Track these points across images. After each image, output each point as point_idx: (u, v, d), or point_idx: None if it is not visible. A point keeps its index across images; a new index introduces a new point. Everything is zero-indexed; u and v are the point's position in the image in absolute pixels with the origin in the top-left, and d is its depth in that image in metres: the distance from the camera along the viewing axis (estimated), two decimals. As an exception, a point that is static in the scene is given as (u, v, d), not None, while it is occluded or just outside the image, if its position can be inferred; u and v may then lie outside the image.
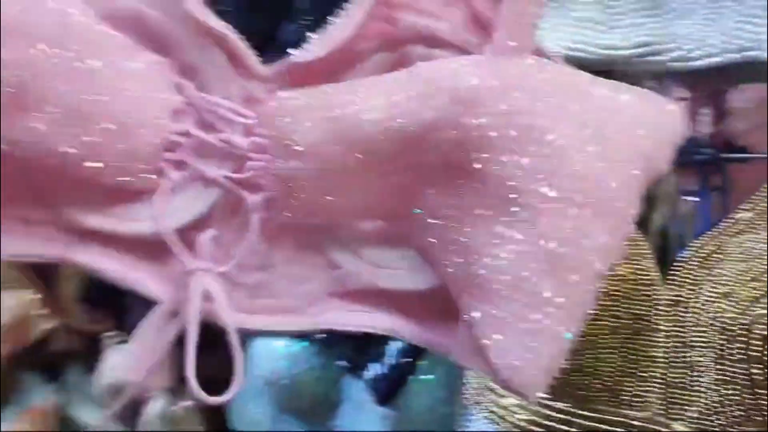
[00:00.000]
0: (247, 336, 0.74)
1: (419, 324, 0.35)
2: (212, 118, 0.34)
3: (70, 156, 0.31)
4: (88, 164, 0.32)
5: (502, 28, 0.31)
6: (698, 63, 0.41)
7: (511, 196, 0.29)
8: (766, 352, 0.36)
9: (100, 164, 0.32)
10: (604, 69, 0.45)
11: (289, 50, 0.34)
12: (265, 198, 0.34)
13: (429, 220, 0.33)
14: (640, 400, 0.44)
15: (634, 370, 0.44)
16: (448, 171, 0.31)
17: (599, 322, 0.44)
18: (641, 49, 0.43)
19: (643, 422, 0.44)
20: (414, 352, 0.58)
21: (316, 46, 0.33)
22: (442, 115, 0.29)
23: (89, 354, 1.33)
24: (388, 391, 0.59)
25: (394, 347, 0.59)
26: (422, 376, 0.59)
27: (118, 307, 1.03)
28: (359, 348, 0.63)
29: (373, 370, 0.61)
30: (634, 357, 0.44)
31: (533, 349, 0.29)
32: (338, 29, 0.33)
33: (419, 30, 0.34)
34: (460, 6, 0.33)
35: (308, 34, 0.34)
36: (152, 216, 0.34)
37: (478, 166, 0.30)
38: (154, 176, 0.34)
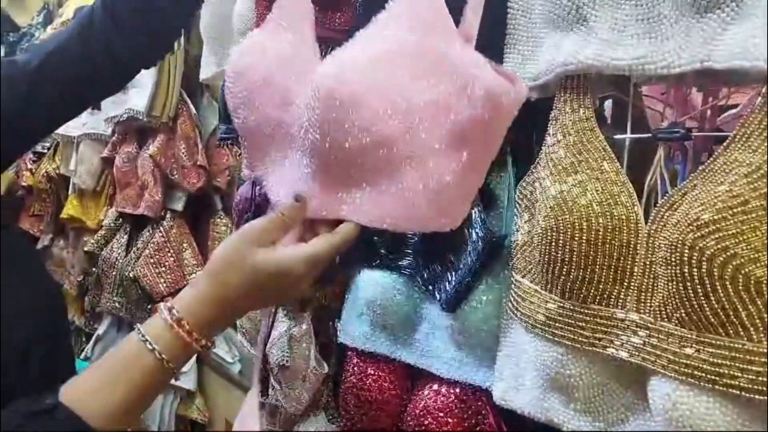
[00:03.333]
0: (355, 267, 0.98)
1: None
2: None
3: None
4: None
5: None
6: (676, 70, 0.59)
7: None
8: (693, 260, 0.55)
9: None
10: (614, 72, 0.64)
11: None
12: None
13: None
14: (623, 300, 0.63)
15: (620, 280, 0.63)
16: None
17: (597, 247, 0.63)
18: (637, 60, 0.61)
19: (624, 316, 0.63)
20: (473, 276, 0.78)
21: None
22: None
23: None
24: (454, 302, 0.80)
25: (460, 274, 0.80)
26: (479, 297, 0.79)
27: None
28: (435, 274, 0.85)
29: (445, 287, 0.82)
30: (621, 271, 0.63)
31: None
32: None
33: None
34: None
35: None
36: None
37: None
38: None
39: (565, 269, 0.65)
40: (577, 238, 0.63)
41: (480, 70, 0.55)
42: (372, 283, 0.93)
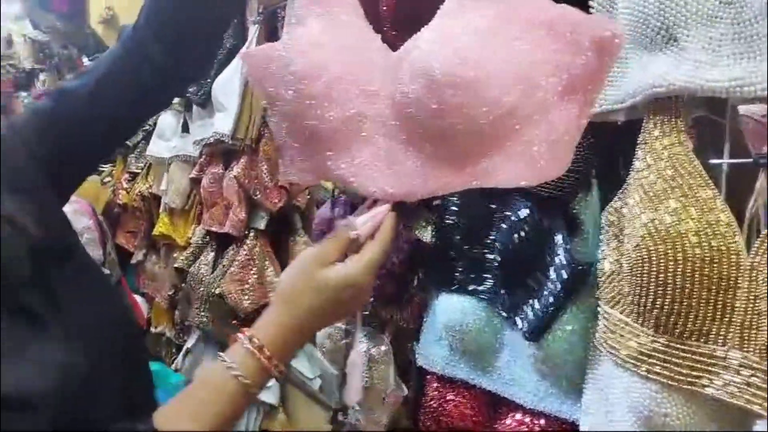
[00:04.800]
0: (433, 290, 0.97)
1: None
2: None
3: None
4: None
5: None
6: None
7: None
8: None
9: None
10: (709, 95, 0.61)
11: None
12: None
13: None
14: (723, 337, 0.59)
15: (720, 316, 0.59)
16: None
17: (694, 279, 0.60)
18: (735, 82, 0.58)
19: (724, 354, 0.59)
20: (557, 305, 0.76)
21: None
22: None
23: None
24: (537, 331, 0.77)
25: (543, 302, 0.78)
26: (563, 326, 0.77)
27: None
28: (516, 301, 0.82)
29: (527, 315, 0.80)
30: (721, 306, 0.59)
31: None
32: None
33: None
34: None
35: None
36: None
37: None
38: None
39: (658, 302, 0.61)
40: (671, 270, 0.60)
41: (580, 20, 0.55)
42: (451, 308, 0.92)
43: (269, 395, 1.67)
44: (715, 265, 0.58)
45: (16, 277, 0.59)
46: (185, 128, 1.96)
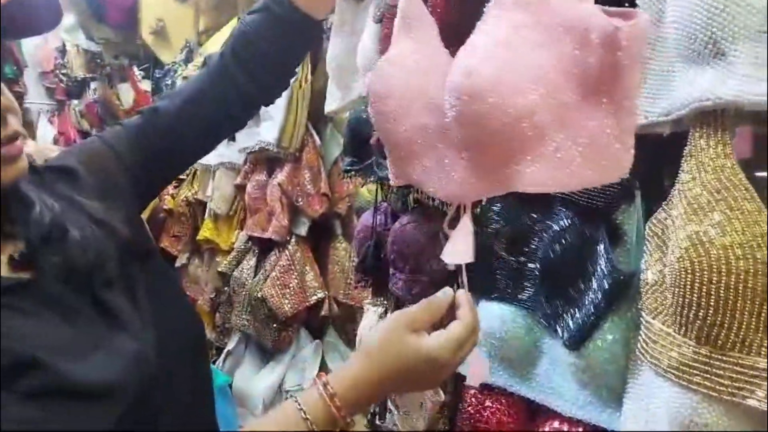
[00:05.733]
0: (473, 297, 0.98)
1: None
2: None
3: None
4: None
5: None
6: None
7: None
8: None
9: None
10: (755, 109, 0.62)
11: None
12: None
13: None
14: (766, 349, 0.59)
15: (763, 328, 0.59)
16: None
17: (737, 292, 0.60)
18: (783, 94, 0.58)
19: (766, 365, 0.59)
20: (598, 314, 0.77)
21: None
22: None
23: (345, 320, 1.70)
24: (578, 340, 0.78)
25: (584, 311, 0.79)
26: (604, 335, 0.77)
27: (376, 281, 1.36)
28: (557, 310, 0.83)
29: (568, 324, 0.81)
30: (764, 318, 0.59)
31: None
32: None
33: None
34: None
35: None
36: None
37: None
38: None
39: (701, 313, 0.62)
40: (714, 282, 0.60)
41: (593, 18, 0.56)
42: (490, 315, 0.93)
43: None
44: (759, 278, 0.59)
45: (103, 274, 0.64)
46: (231, 137, 2.02)
